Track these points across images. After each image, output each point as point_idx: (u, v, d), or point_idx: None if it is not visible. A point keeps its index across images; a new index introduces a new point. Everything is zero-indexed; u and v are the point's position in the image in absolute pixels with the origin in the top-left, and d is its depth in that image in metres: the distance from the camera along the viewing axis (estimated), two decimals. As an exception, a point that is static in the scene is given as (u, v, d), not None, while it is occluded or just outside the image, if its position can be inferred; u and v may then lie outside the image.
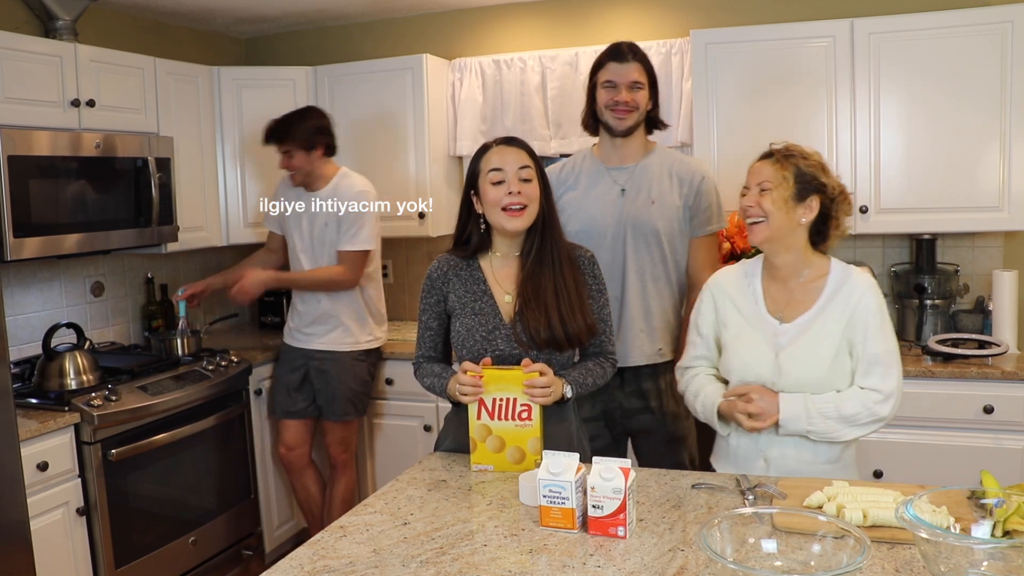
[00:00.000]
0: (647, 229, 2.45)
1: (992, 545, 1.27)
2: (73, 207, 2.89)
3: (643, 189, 2.47)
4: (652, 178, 2.48)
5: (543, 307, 1.96)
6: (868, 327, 1.88)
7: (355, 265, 3.17)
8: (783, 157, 1.91)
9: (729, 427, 1.99)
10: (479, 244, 2.04)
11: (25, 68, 2.77)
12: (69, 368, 2.82)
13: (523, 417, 1.89)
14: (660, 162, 2.51)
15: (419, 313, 2.10)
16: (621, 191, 2.48)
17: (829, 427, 1.87)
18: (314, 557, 1.52)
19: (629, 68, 2.43)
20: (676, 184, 2.48)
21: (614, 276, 2.46)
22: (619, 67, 2.43)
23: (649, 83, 2.47)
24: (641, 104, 2.45)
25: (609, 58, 2.46)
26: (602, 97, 2.46)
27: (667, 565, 1.44)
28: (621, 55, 2.44)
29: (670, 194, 2.47)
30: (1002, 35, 2.90)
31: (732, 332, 1.99)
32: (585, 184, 2.52)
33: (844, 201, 1.94)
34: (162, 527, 2.95)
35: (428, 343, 2.09)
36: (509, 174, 1.95)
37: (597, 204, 2.49)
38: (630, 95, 2.43)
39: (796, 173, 1.88)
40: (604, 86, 2.45)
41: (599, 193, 2.50)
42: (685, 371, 2.12)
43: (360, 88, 3.76)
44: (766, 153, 1.95)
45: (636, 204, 2.46)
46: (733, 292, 2.02)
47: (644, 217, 2.45)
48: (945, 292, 3.18)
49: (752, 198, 1.91)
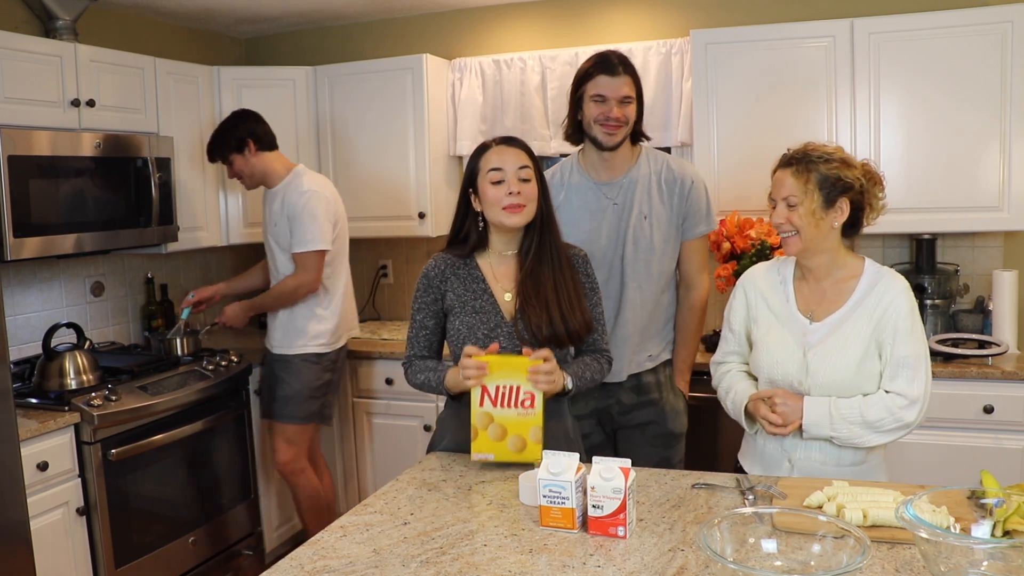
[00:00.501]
0: (643, 244, 2.41)
1: (992, 545, 1.27)
2: (73, 207, 2.89)
3: (635, 204, 2.42)
4: (642, 191, 2.43)
5: (544, 304, 1.97)
6: (898, 329, 1.85)
7: (310, 267, 3.08)
8: (803, 165, 1.86)
9: (755, 426, 1.98)
10: (477, 242, 2.04)
11: (25, 68, 2.77)
12: (69, 368, 2.82)
13: (526, 405, 1.89)
14: (648, 171, 2.45)
15: (413, 312, 2.08)
16: (613, 205, 2.44)
17: (853, 432, 1.85)
18: (314, 557, 1.52)
19: (620, 83, 2.33)
20: (666, 193, 2.44)
21: (610, 293, 2.42)
22: (610, 81, 2.33)
23: (637, 96, 2.39)
24: (631, 119, 2.37)
25: (599, 71, 2.34)
26: (591, 111, 2.37)
27: (667, 565, 1.44)
28: (612, 68, 2.33)
29: (660, 205, 2.43)
30: (1002, 35, 2.90)
31: (762, 329, 1.98)
32: (576, 202, 2.47)
33: (874, 184, 1.89)
34: (162, 527, 2.95)
35: (422, 342, 2.08)
36: (509, 174, 1.95)
37: (591, 223, 2.44)
38: (621, 111, 2.34)
39: (819, 181, 1.84)
40: (593, 100, 2.35)
41: (592, 211, 2.44)
42: (718, 367, 2.12)
43: (360, 88, 3.76)
44: (785, 160, 1.91)
45: (630, 220, 2.42)
46: (765, 289, 2.01)
47: (639, 232, 2.41)
48: (945, 292, 3.18)
49: (781, 214, 1.88)
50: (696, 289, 2.55)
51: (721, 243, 3.05)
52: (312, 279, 3.09)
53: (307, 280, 3.09)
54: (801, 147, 1.91)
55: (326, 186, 3.18)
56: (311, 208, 3.06)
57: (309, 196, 3.07)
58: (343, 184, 3.83)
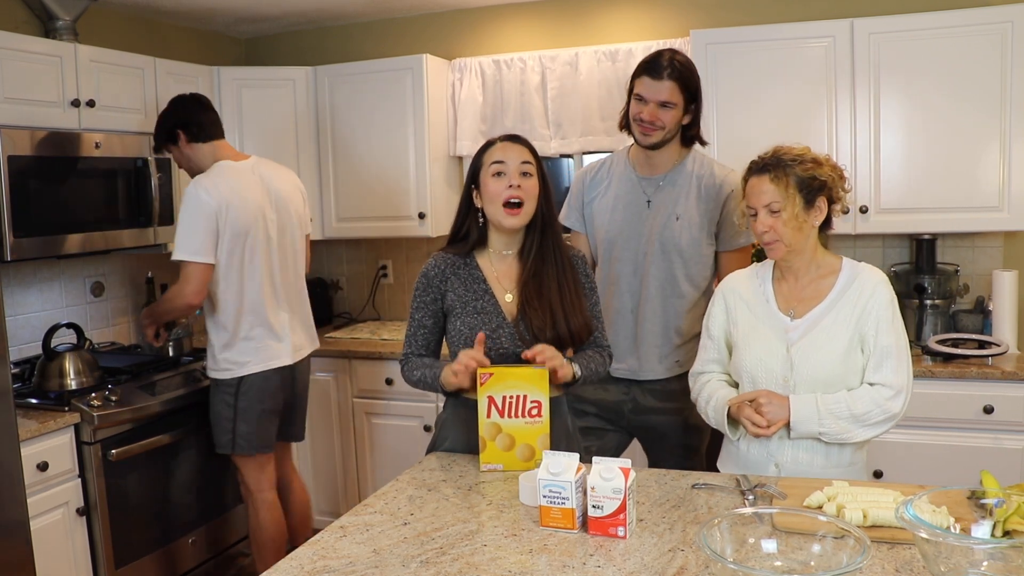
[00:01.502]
0: (670, 245, 2.39)
1: (992, 545, 1.27)
2: (73, 207, 2.89)
3: (668, 203, 2.41)
4: (679, 193, 2.41)
5: (547, 305, 1.97)
6: (880, 319, 1.87)
7: (186, 279, 2.72)
8: (780, 170, 1.87)
9: (739, 431, 1.98)
10: (477, 240, 2.04)
11: (25, 68, 2.77)
12: (69, 368, 2.82)
13: (533, 414, 1.90)
14: (690, 174, 2.42)
15: (412, 310, 2.08)
16: (647, 203, 2.43)
17: (841, 428, 1.85)
18: (314, 557, 1.52)
19: (661, 87, 2.28)
20: (703, 200, 2.41)
21: (632, 288, 2.43)
22: (651, 83, 2.29)
23: (686, 100, 2.33)
24: (668, 124, 2.32)
25: (644, 71, 2.31)
26: (632, 108, 2.36)
27: (667, 565, 1.44)
28: (656, 70, 2.29)
29: (694, 210, 2.40)
30: (1002, 35, 2.90)
31: (743, 330, 1.99)
32: (615, 192, 2.46)
33: (841, 179, 1.92)
34: (162, 527, 2.95)
35: (420, 341, 2.08)
36: (510, 167, 1.96)
37: (624, 215, 2.43)
38: (654, 114, 2.30)
39: (798, 182, 1.86)
40: (636, 98, 2.33)
41: (627, 203, 2.44)
42: (698, 377, 2.11)
43: (360, 88, 3.76)
44: (760, 167, 1.91)
45: (660, 219, 2.40)
46: (744, 292, 2.02)
47: (668, 233, 2.39)
48: (945, 292, 3.18)
49: (765, 223, 1.88)
50: None
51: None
52: (190, 291, 2.73)
53: (184, 291, 2.73)
54: (771, 152, 1.92)
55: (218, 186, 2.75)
56: (187, 215, 2.72)
57: (187, 198, 2.73)
58: (343, 184, 3.84)
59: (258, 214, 2.83)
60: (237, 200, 2.77)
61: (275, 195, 2.92)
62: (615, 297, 2.45)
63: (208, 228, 2.71)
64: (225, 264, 2.77)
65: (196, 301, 2.76)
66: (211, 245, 2.73)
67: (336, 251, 4.27)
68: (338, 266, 4.30)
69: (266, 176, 2.93)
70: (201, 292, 2.75)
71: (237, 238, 2.77)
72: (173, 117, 2.88)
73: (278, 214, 2.92)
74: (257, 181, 2.88)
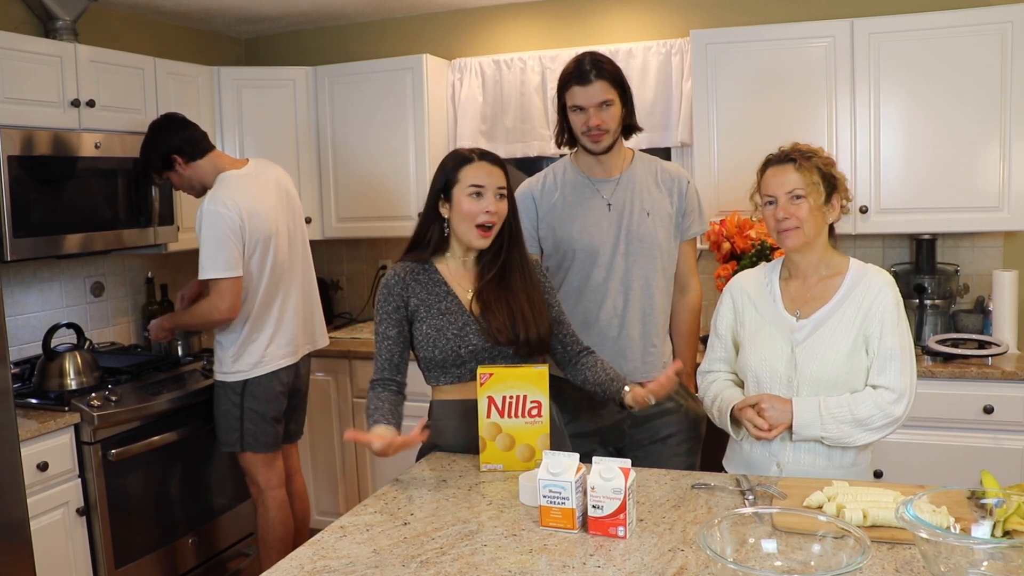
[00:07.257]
0: (648, 242, 2.39)
1: (992, 545, 1.27)
2: (73, 207, 2.89)
3: (635, 201, 2.40)
4: (641, 189, 2.41)
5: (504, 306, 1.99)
6: (885, 322, 1.87)
7: (219, 295, 2.74)
8: (804, 160, 1.89)
9: (742, 432, 1.98)
10: (437, 246, 2.05)
11: (25, 68, 2.77)
12: (69, 368, 2.82)
13: (532, 414, 1.90)
14: (644, 171, 2.44)
15: (375, 325, 2.06)
16: (608, 206, 2.41)
17: (843, 432, 1.85)
18: (314, 557, 1.52)
19: (594, 90, 2.28)
20: (665, 192, 2.43)
21: (612, 292, 2.39)
22: (583, 91, 2.29)
23: (620, 94, 2.33)
24: (614, 122, 2.33)
25: (573, 81, 2.31)
26: (575, 122, 2.35)
27: (667, 565, 1.44)
28: (583, 77, 2.29)
29: (662, 202, 2.42)
30: (1002, 35, 2.90)
31: (749, 329, 1.99)
32: (571, 200, 2.43)
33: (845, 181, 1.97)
34: (162, 527, 2.95)
35: (384, 355, 2.05)
36: (488, 191, 1.97)
37: (590, 220, 2.41)
38: (600, 117, 2.30)
39: (821, 174, 1.89)
40: (572, 111, 2.33)
41: (587, 209, 2.41)
42: (705, 376, 2.12)
43: (360, 88, 3.76)
44: (782, 158, 1.92)
45: (632, 217, 2.39)
46: (751, 291, 2.03)
47: (643, 230, 2.39)
48: (945, 292, 3.18)
49: (786, 208, 1.88)
50: (692, 291, 2.55)
51: (721, 243, 3.04)
52: (226, 306, 2.75)
53: (220, 306, 2.75)
54: (791, 146, 1.95)
55: (235, 201, 2.77)
56: (210, 233, 2.72)
57: (207, 217, 2.73)
58: (343, 184, 3.84)
59: (275, 217, 2.88)
60: (255, 208, 2.80)
61: (284, 194, 2.97)
62: (593, 305, 2.41)
63: (235, 242, 2.74)
64: (246, 272, 2.81)
65: (233, 315, 2.78)
66: (239, 257, 2.76)
67: (336, 251, 4.27)
68: (338, 266, 4.30)
69: (271, 177, 2.96)
70: (237, 305, 2.77)
71: (258, 245, 2.82)
72: (163, 145, 2.85)
73: (289, 213, 2.98)
74: (266, 184, 2.91)
